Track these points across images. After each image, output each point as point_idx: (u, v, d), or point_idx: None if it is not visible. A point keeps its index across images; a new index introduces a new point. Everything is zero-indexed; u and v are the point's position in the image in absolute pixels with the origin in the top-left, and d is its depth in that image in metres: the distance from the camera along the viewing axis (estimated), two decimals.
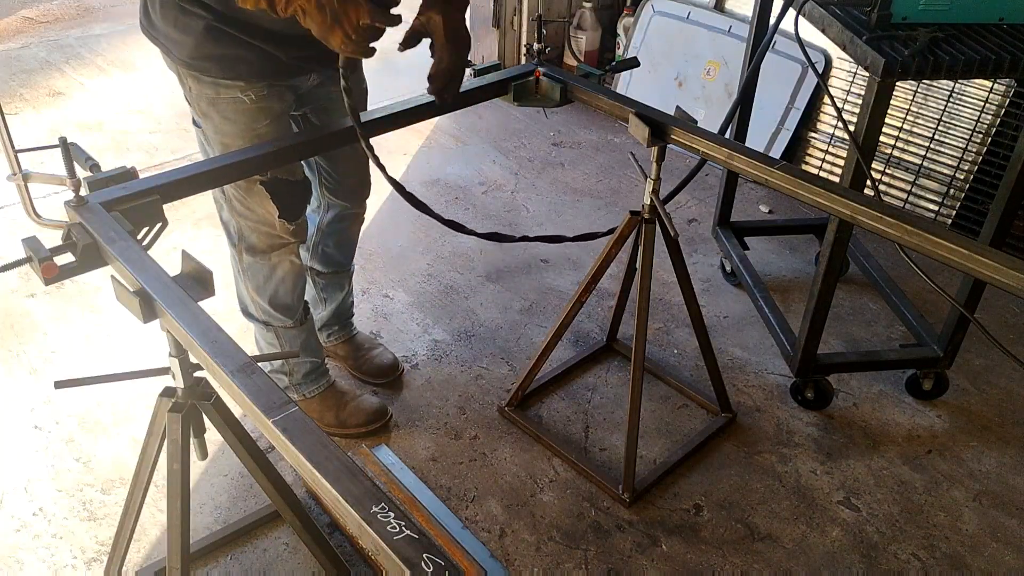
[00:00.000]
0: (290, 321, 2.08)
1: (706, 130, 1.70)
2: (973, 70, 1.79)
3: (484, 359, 2.52)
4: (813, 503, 2.09)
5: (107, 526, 1.98)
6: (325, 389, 2.24)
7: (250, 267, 1.99)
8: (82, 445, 2.20)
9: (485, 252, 3.01)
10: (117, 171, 1.45)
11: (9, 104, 3.99)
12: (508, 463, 2.18)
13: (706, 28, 3.72)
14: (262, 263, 1.97)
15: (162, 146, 3.69)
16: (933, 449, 2.26)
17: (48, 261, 1.26)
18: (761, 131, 3.45)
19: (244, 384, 1.07)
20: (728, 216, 2.90)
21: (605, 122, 3.94)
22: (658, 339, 2.61)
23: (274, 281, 2.00)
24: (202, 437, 1.55)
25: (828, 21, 2.00)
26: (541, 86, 1.97)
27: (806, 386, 2.35)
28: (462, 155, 3.68)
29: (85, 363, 2.48)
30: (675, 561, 1.94)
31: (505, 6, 4.14)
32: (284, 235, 1.93)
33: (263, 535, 1.98)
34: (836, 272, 2.14)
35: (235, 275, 2.06)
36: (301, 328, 2.11)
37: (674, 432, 2.29)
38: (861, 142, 1.89)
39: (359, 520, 0.90)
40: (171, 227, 1.54)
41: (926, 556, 1.97)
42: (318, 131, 1.79)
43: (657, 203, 1.87)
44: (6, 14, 5.15)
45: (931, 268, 1.62)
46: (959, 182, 3.08)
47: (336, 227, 2.20)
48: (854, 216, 1.48)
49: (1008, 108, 2.93)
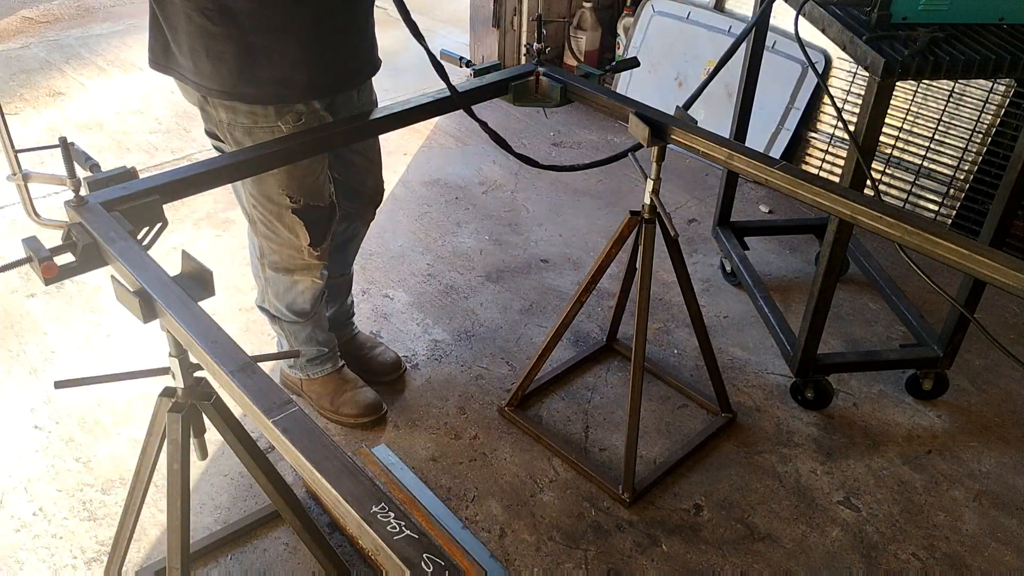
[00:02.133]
0: (302, 320, 2.12)
1: (706, 130, 1.70)
2: (973, 70, 1.79)
3: (484, 359, 2.52)
4: (813, 503, 2.09)
5: (107, 526, 1.98)
6: (329, 373, 2.27)
7: (272, 279, 2.04)
8: (82, 445, 2.20)
9: (485, 252, 3.01)
10: (117, 171, 1.45)
11: (9, 104, 3.99)
12: (508, 463, 2.18)
13: (706, 28, 3.72)
14: (284, 277, 2.01)
15: (162, 146, 3.69)
16: (933, 449, 2.26)
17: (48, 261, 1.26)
18: (761, 131, 3.45)
19: (244, 384, 1.06)
20: (728, 216, 2.90)
21: (605, 122, 3.94)
22: (658, 339, 2.61)
23: (293, 293, 2.05)
24: (202, 437, 1.55)
25: (828, 21, 2.00)
26: (541, 86, 1.96)
27: (806, 386, 2.35)
28: (462, 155, 3.68)
29: (85, 363, 2.48)
30: (675, 561, 1.94)
31: (505, 6, 4.14)
32: (309, 259, 1.94)
33: (263, 535, 1.98)
34: (836, 272, 2.14)
35: (255, 274, 2.11)
36: (306, 323, 2.13)
37: (674, 432, 2.29)
38: (861, 142, 1.89)
39: (359, 520, 0.90)
40: (171, 227, 1.54)
41: (926, 556, 1.97)
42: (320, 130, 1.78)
43: (657, 203, 1.87)
44: (6, 14, 5.15)
45: (931, 268, 1.62)
46: (959, 182, 3.08)
47: (346, 236, 2.21)
48: (854, 216, 1.48)
49: (1008, 108, 2.93)
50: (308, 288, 2.04)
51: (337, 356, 2.29)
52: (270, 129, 1.73)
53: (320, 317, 2.17)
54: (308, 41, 1.68)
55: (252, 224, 1.93)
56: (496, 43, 4.22)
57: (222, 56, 1.63)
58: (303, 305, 2.08)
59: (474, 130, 3.85)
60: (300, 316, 2.11)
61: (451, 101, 1.79)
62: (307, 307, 2.09)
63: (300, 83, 1.71)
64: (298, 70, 1.69)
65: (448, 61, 2.09)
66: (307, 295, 2.05)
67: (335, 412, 2.26)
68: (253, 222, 1.92)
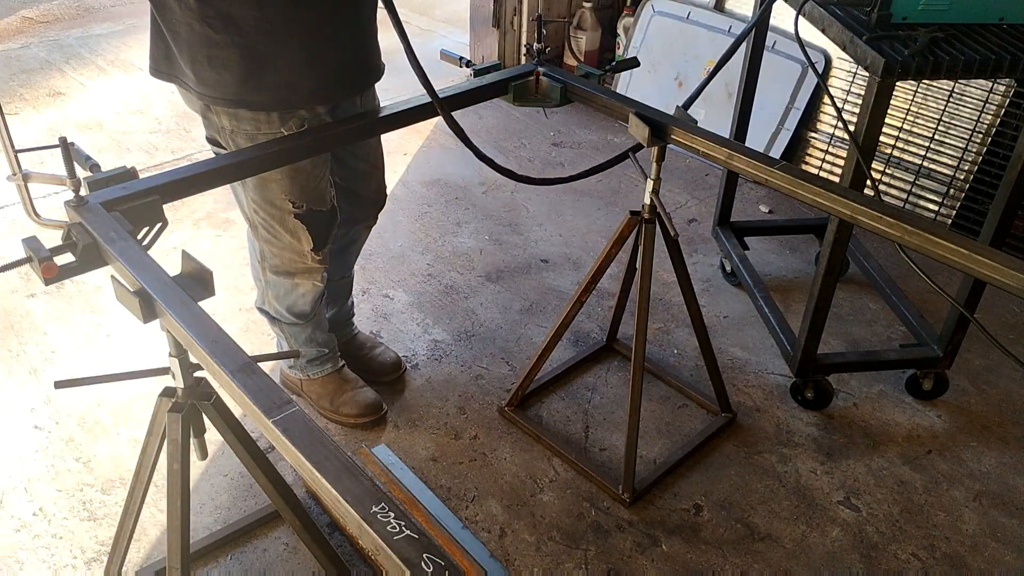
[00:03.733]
0: (302, 322, 2.12)
1: (706, 130, 1.70)
2: (973, 70, 1.79)
3: (484, 359, 2.52)
4: (813, 503, 2.09)
5: (107, 526, 1.98)
6: (329, 373, 2.27)
7: (272, 282, 2.04)
8: (82, 445, 2.20)
9: (485, 252, 3.01)
10: (117, 171, 1.45)
11: (9, 104, 3.99)
12: (508, 463, 2.18)
13: (706, 28, 3.72)
14: (285, 281, 2.01)
15: (162, 146, 3.69)
16: (933, 449, 2.26)
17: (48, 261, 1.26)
18: (761, 131, 3.45)
19: (244, 384, 1.06)
20: (728, 216, 2.90)
21: (605, 122, 3.94)
22: (658, 339, 2.61)
23: (294, 296, 2.06)
24: (202, 437, 1.55)
25: (828, 21, 2.00)
26: (541, 86, 1.96)
27: (806, 386, 2.35)
28: (462, 155, 3.68)
29: (85, 363, 2.48)
30: (675, 561, 1.94)
31: (505, 6, 4.14)
32: (311, 263, 1.94)
33: (263, 535, 1.98)
34: (836, 272, 2.14)
35: (255, 277, 2.11)
36: (306, 325, 2.13)
37: (674, 432, 2.29)
38: (861, 142, 1.89)
39: (359, 520, 0.90)
40: (171, 227, 1.54)
41: (926, 556, 1.97)
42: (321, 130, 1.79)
43: (657, 203, 1.87)
44: (6, 14, 5.15)
45: (931, 268, 1.62)
46: (959, 182, 3.08)
47: (347, 237, 2.21)
48: (854, 216, 1.48)
49: (1008, 108, 2.93)
50: (309, 291, 2.04)
51: (337, 356, 2.29)
52: (273, 135, 1.73)
53: (320, 319, 2.17)
54: (311, 46, 1.67)
55: (253, 228, 1.93)
56: (496, 43, 4.22)
57: (225, 64, 1.63)
58: (303, 307, 2.08)
59: (474, 130, 3.86)
60: (300, 318, 2.11)
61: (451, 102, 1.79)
62: (307, 309, 2.09)
63: (304, 88, 1.70)
64: (302, 75, 1.68)
65: (448, 61, 2.09)
66: (308, 297, 2.06)
67: (335, 412, 2.26)
68: (254, 226, 1.92)
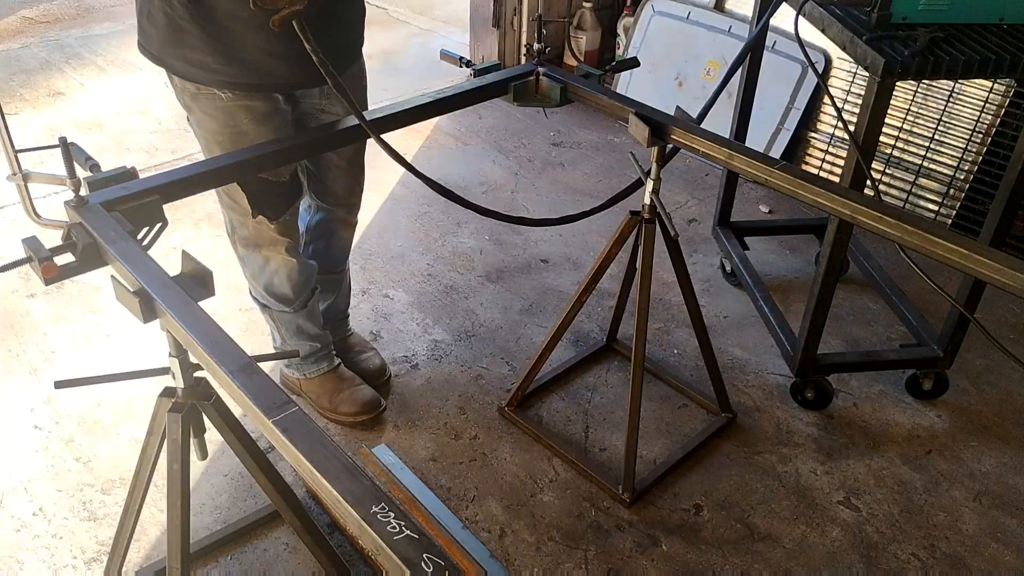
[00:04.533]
0: (288, 308, 2.11)
1: (706, 130, 1.70)
2: (973, 70, 1.79)
3: (484, 359, 2.52)
4: (813, 503, 2.09)
5: (107, 526, 1.98)
6: (325, 372, 2.27)
7: (245, 257, 2.05)
8: (82, 445, 2.20)
9: (485, 252, 3.01)
10: (117, 171, 1.45)
11: (9, 104, 3.99)
12: (508, 463, 2.18)
13: (706, 28, 3.72)
14: (255, 254, 2.01)
15: (162, 146, 3.69)
16: (933, 449, 2.26)
17: (48, 261, 1.26)
18: (761, 131, 3.45)
19: (244, 384, 1.06)
20: (728, 216, 2.90)
21: (605, 122, 3.94)
22: (658, 339, 2.61)
23: (268, 272, 2.05)
24: (202, 437, 1.55)
25: (828, 21, 2.00)
26: (541, 86, 1.97)
27: (806, 386, 2.35)
28: (462, 155, 3.68)
29: (85, 363, 2.48)
30: (675, 561, 1.94)
31: (505, 6, 4.14)
32: (273, 233, 1.94)
33: (263, 535, 1.98)
34: (836, 272, 2.14)
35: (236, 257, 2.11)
36: (297, 314, 2.13)
37: (674, 432, 2.29)
38: (861, 142, 1.89)
39: (359, 520, 0.90)
40: (171, 227, 1.54)
41: (926, 556, 1.97)
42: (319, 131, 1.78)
43: (657, 203, 1.87)
44: (6, 14, 5.15)
45: (931, 268, 1.62)
46: (959, 182, 3.08)
47: (324, 230, 2.20)
48: (854, 216, 1.48)
49: (1008, 108, 2.93)
50: (281, 266, 2.02)
51: (332, 355, 2.29)
52: (211, 96, 1.73)
53: (310, 311, 2.16)
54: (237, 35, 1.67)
55: (219, 196, 1.93)
56: (496, 43, 4.22)
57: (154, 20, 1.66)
58: (283, 289, 2.06)
59: (474, 130, 3.86)
60: (284, 303, 2.09)
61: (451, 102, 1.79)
62: (287, 292, 2.07)
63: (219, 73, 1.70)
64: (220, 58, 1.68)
65: (448, 61, 2.09)
66: (281, 275, 2.03)
67: (334, 411, 2.26)
68: (219, 193, 1.91)
